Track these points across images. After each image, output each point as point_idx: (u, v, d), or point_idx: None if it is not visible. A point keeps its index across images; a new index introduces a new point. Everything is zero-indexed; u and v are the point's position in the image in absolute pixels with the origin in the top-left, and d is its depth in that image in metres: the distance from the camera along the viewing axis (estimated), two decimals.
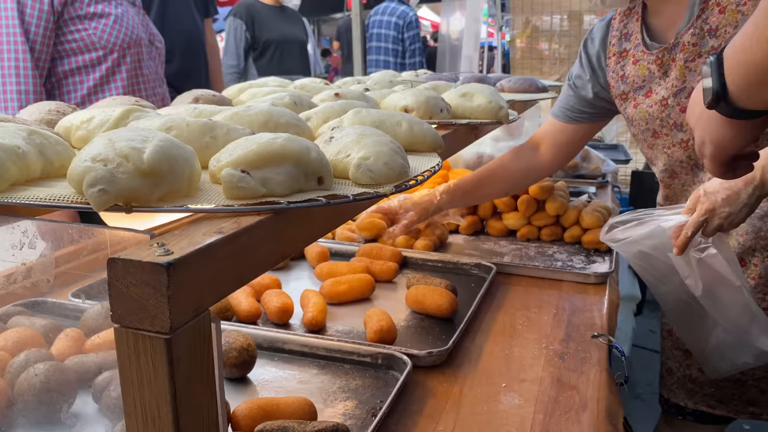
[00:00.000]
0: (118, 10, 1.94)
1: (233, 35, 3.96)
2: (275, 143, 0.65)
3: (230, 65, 3.97)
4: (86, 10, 1.88)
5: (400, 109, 1.31)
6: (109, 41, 1.93)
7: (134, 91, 2.04)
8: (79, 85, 1.95)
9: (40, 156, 0.66)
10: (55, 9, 1.84)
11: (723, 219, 1.26)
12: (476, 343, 1.33)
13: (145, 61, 2.06)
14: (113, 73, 1.96)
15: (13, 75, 1.81)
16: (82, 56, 1.92)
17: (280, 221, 0.63)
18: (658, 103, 1.50)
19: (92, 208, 0.56)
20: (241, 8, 3.98)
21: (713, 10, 1.36)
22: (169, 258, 0.48)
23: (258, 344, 1.26)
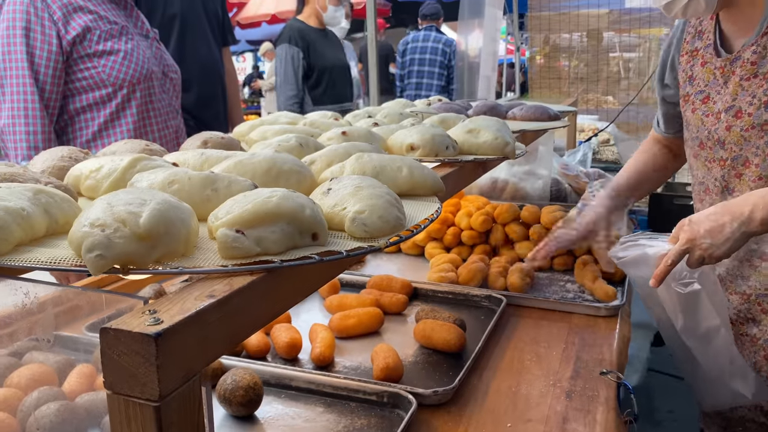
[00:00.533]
0: (127, 45, 1.95)
1: (291, 63, 3.76)
2: (270, 202, 0.67)
3: (290, 96, 3.79)
4: (95, 48, 1.90)
5: (406, 147, 1.33)
6: (118, 78, 1.93)
7: (144, 126, 2.04)
8: (90, 122, 1.96)
9: (45, 215, 0.68)
10: (64, 49, 1.87)
11: (703, 251, 1.23)
12: (483, 380, 1.33)
13: (156, 95, 2.07)
14: (123, 109, 1.97)
15: (21, 116, 1.83)
16: (92, 94, 1.94)
17: (273, 280, 0.64)
18: (713, 114, 1.46)
19: (90, 272, 0.58)
20: (294, 33, 3.81)
21: None
22: (158, 328, 0.50)
23: (265, 380, 1.28)
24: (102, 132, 1.96)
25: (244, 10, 10.38)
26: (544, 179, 2.84)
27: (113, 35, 1.93)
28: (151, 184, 0.80)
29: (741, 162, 1.44)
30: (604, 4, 6.48)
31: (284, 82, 3.79)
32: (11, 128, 1.84)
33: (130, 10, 2.07)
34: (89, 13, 1.90)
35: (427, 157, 1.31)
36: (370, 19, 3.45)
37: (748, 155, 1.42)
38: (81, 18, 1.88)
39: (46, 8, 1.84)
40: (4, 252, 0.62)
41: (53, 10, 1.84)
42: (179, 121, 2.21)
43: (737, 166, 1.45)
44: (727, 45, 1.47)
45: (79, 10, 1.88)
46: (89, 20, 1.89)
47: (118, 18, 1.98)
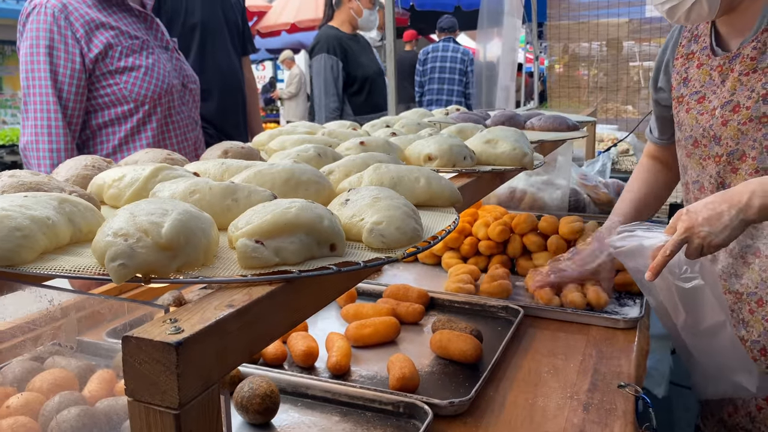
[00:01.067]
0: (148, 60, 1.96)
1: (330, 74, 3.67)
2: (289, 213, 0.68)
3: (334, 108, 3.69)
4: (117, 65, 1.91)
5: (423, 157, 1.33)
6: (139, 94, 1.94)
7: (164, 139, 2.05)
8: (111, 137, 1.97)
9: (70, 224, 0.70)
10: (87, 67, 1.88)
11: (702, 239, 1.23)
12: (500, 392, 1.32)
13: (176, 108, 2.08)
14: (144, 123, 1.99)
15: (45, 134, 1.85)
16: (114, 109, 1.95)
17: (291, 290, 0.65)
18: (708, 112, 1.49)
19: (112, 280, 0.60)
20: (332, 42, 3.70)
21: None
22: (179, 337, 0.51)
23: (282, 388, 1.28)
24: (122, 146, 1.97)
25: (264, 19, 10.48)
26: (562, 189, 2.83)
27: (134, 50, 1.94)
28: (172, 193, 0.81)
29: (737, 156, 1.46)
30: (624, 14, 6.45)
31: (326, 93, 3.69)
32: (34, 145, 1.85)
33: (150, 23, 2.08)
34: (111, 29, 1.91)
35: (444, 168, 1.32)
36: (389, 29, 3.46)
37: (745, 149, 1.44)
38: (103, 35, 1.89)
39: (69, 26, 1.85)
40: (29, 260, 0.63)
41: (76, 28, 1.86)
42: (198, 132, 2.23)
43: (733, 161, 1.47)
44: (724, 45, 1.51)
45: (101, 27, 1.89)
46: (111, 36, 1.90)
47: (138, 32, 1.99)
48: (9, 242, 0.62)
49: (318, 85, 3.75)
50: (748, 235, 1.47)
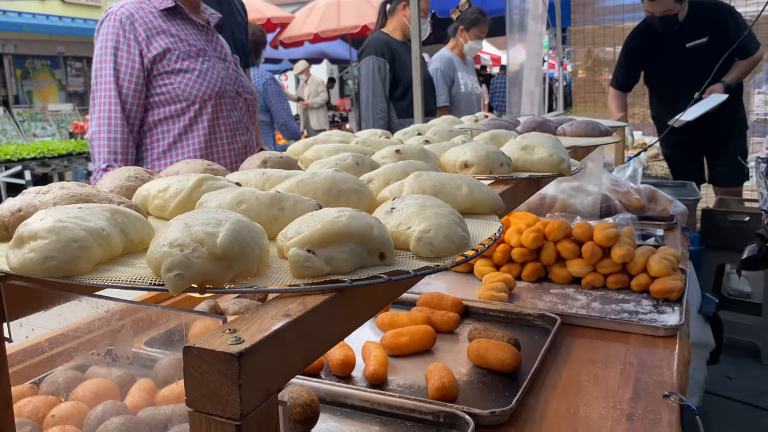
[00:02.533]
0: (203, 66, 2.16)
1: (378, 75, 3.73)
2: (339, 222, 0.68)
3: (381, 109, 3.74)
4: (173, 67, 2.11)
5: (459, 164, 1.33)
6: (191, 93, 2.13)
7: (215, 139, 2.23)
8: (166, 134, 2.17)
9: (122, 234, 0.71)
10: (146, 67, 2.09)
11: None
12: (540, 401, 1.30)
13: (227, 111, 2.25)
14: (195, 122, 2.17)
15: (105, 124, 2.07)
16: (168, 107, 2.15)
17: (344, 299, 0.65)
18: None
19: (169, 290, 0.60)
20: (380, 45, 3.78)
21: None
22: (240, 347, 0.51)
23: (321, 398, 1.28)
24: (176, 143, 2.16)
25: (287, 30, 10.57)
26: (593, 196, 2.80)
27: (191, 56, 2.14)
28: (219, 203, 0.81)
29: None
30: None
31: (374, 95, 3.74)
32: (98, 135, 2.08)
33: (211, 36, 2.28)
34: (171, 36, 2.13)
35: (481, 175, 1.31)
36: (414, 35, 3.47)
37: None
38: (162, 40, 2.10)
39: (133, 30, 2.08)
40: (85, 271, 0.64)
41: (139, 33, 2.08)
42: (249, 137, 2.37)
43: None
44: None
45: (161, 33, 2.11)
46: (169, 42, 2.11)
47: (197, 41, 2.19)
48: (66, 253, 0.62)
49: (366, 86, 3.80)
50: None
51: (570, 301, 1.87)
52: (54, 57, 14.74)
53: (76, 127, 10.29)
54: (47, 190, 0.86)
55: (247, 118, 2.35)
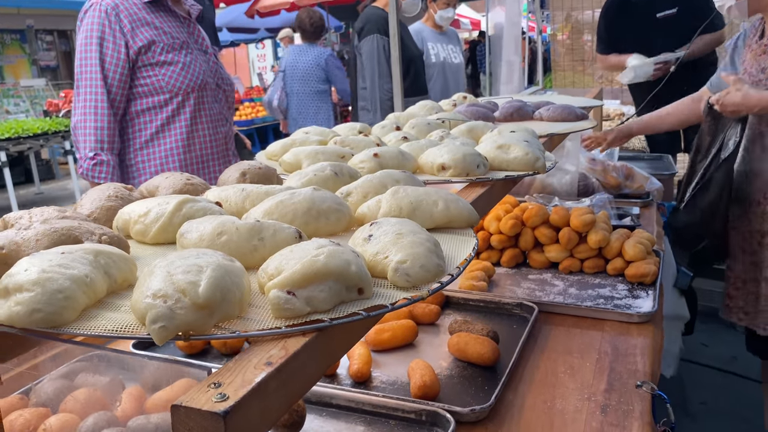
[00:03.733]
0: (186, 58, 2.19)
1: (384, 54, 3.70)
2: (318, 262, 0.70)
3: (388, 89, 3.72)
4: (157, 59, 2.14)
5: (437, 166, 1.35)
6: (174, 86, 2.17)
7: (196, 131, 2.27)
8: (149, 124, 2.20)
9: (106, 277, 0.72)
10: (131, 58, 2.12)
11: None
12: (518, 395, 1.35)
13: (208, 103, 2.28)
14: (178, 114, 2.21)
15: (91, 114, 2.10)
16: (151, 98, 2.18)
17: (324, 338, 0.67)
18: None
19: (154, 341, 0.62)
20: (381, 23, 3.71)
21: None
22: (225, 405, 0.53)
23: (306, 398, 1.32)
24: (158, 134, 2.20)
25: None
26: (571, 175, 2.84)
27: (174, 48, 2.17)
28: (200, 236, 0.83)
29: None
30: None
31: (380, 75, 3.72)
32: (83, 123, 2.10)
33: (192, 28, 2.30)
34: (155, 28, 2.15)
35: (458, 177, 1.33)
36: (392, 12, 3.43)
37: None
38: (147, 32, 2.14)
39: (118, 21, 2.11)
40: (71, 320, 0.66)
41: (124, 24, 2.11)
42: (228, 128, 2.41)
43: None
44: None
45: (146, 25, 2.14)
46: (154, 34, 2.14)
47: (180, 34, 2.22)
48: (52, 305, 0.64)
49: (371, 66, 3.77)
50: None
51: (548, 287, 1.92)
52: (23, 31, 14.35)
53: (50, 105, 10.09)
54: (28, 224, 0.87)
55: (227, 109, 2.38)
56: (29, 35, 14.47)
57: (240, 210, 1.03)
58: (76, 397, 1.22)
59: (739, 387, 3.23)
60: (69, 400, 1.21)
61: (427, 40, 4.64)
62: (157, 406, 1.19)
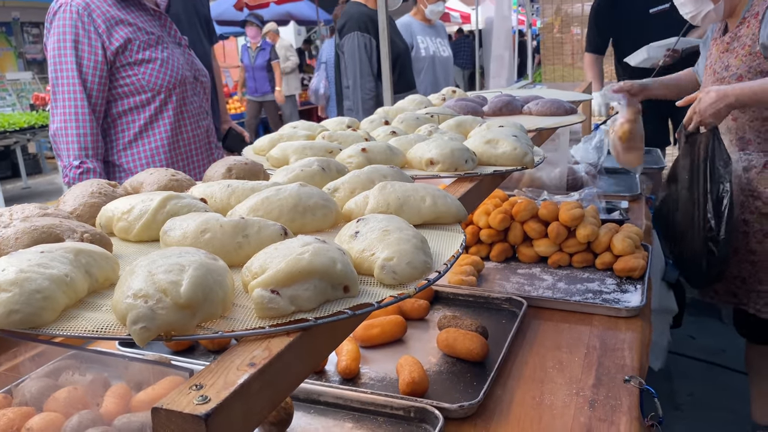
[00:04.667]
0: (164, 54, 2.12)
1: (365, 53, 3.62)
2: (302, 260, 0.69)
3: (370, 89, 3.65)
4: (135, 57, 2.07)
5: (425, 161, 1.34)
6: (156, 84, 2.11)
7: (180, 127, 2.22)
8: (132, 124, 2.14)
9: (87, 276, 0.71)
10: (108, 59, 2.04)
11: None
12: (507, 390, 1.35)
13: (189, 98, 2.23)
14: (161, 111, 2.16)
15: (72, 120, 2.02)
16: (132, 98, 2.12)
17: (308, 337, 0.67)
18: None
19: (135, 342, 0.61)
20: (363, 19, 3.66)
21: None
22: (207, 408, 0.53)
23: (294, 395, 1.31)
24: (142, 133, 2.14)
25: None
26: (560, 169, 2.84)
27: (151, 45, 2.10)
28: (184, 233, 0.82)
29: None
30: None
31: (361, 74, 3.62)
32: (64, 131, 2.02)
33: (164, 21, 2.23)
34: (129, 25, 2.08)
35: (446, 172, 1.33)
36: (381, 9, 3.41)
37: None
38: (122, 30, 2.06)
39: (92, 22, 2.01)
40: (50, 321, 0.65)
41: (98, 24, 2.02)
42: (209, 121, 2.36)
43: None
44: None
45: (120, 23, 2.06)
46: (129, 32, 2.07)
47: (154, 29, 2.15)
48: (30, 305, 0.63)
49: (353, 65, 3.68)
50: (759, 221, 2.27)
51: (536, 281, 1.92)
52: (8, 23, 14.17)
53: (37, 99, 9.98)
54: (8, 222, 0.85)
55: (206, 102, 2.34)
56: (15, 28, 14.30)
57: (225, 207, 1.02)
58: (60, 396, 1.21)
59: (726, 379, 3.26)
60: (53, 399, 1.20)
61: (417, 34, 4.61)
62: (142, 405, 1.17)
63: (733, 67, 2.33)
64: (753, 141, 2.24)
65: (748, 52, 2.28)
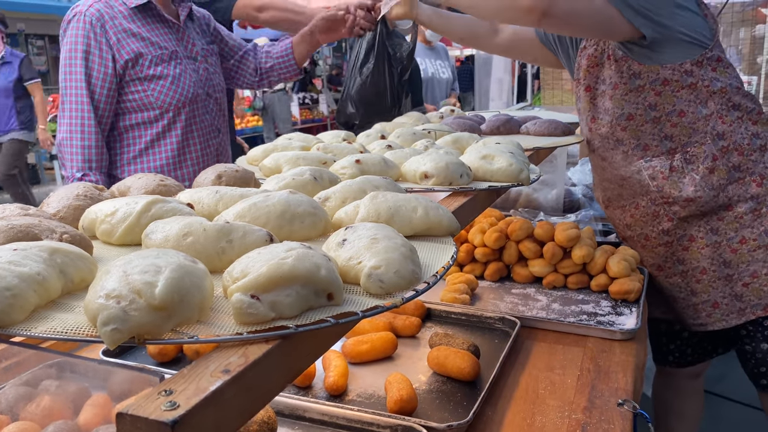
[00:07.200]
0: (175, 70, 2.08)
1: None
2: (285, 265, 0.67)
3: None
4: (146, 73, 2.03)
5: (420, 175, 1.32)
6: (164, 102, 2.06)
7: (188, 145, 2.16)
8: (138, 139, 2.10)
9: (61, 275, 0.68)
10: (117, 72, 2.01)
11: None
12: (498, 411, 1.32)
13: (200, 116, 2.17)
14: (168, 129, 2.11)
15: (78, 131, 1.99)
16: (140, 113, 2.07)
17: (288, 346, 0.64)
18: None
19: (105, 344, 0.58)
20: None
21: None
22: (175, 414, 0.50)
23: (279, 411, 1.28)
24: (148, 149, 2.10)
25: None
26: (557, 190, 2.82)
27: (163, 60, 2.06)
28: (166, 236, 0.79)
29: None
30: None
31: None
32: (69, 141, 1.99)
33: (182, 34, 2.17)
34: (141, 39, 2.03)
35: (441, 186, 1.31)
36: None
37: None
38: (134, 44, 2.02)
39: (104, 33, 1.99)
40: (19, 320, 0.62)
41: (110, 36, 1.99)
42: (221, 138, 2.30)
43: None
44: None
45: (132, 36, 2.02)
46: (141, 46, 2.02)
47: (168, 43, 2.10)
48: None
49: None
50: (681, 227, 2.00)
51: (531, 302, 1.89)
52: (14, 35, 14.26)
53: None
54: None
55: (219, 119, 2.27)
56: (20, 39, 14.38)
57: (212, 212, 1.00)
58: (37, 404, 1.17)
59: (724, 408, 3.21)
60: (29, 408, 1.16)
61: (417, 55, 4.66)
62: None
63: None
64: (650, 145, 1.95)
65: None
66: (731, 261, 1.95)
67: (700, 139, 1.90)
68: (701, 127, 1.89)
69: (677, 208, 1.98)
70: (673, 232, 2.02)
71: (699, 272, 2.01)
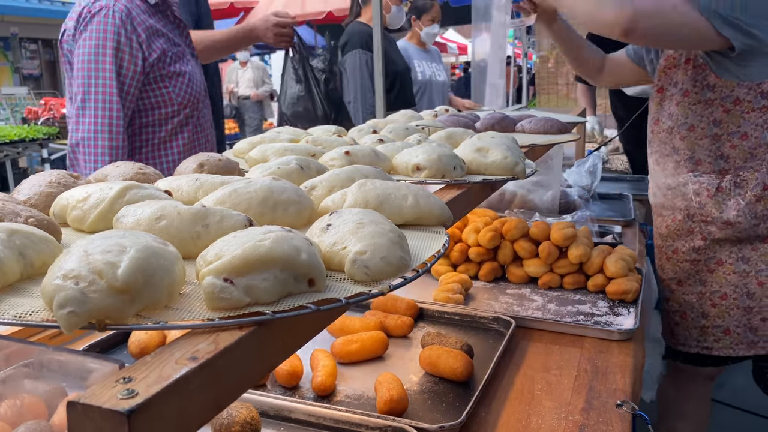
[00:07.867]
0: (188, 67, 2.06)
1: (367, 70, 3.71)
2: (261, 247, 0.62)
3: (371, 104, 3.70)
4: (168, 70, 1.99)
5: (411, 167, 1.27)
6: (184, 98, 2.04)
7: (197, 140, 2.15)
8: (151, 137, 2.05)
9: (20, 258, 0.63)
10: (145, 69, 1.96)
11: None
12: (492, 412, 1.27)
13: (201, 111, 2.17)
14: (183, 125, 2.08)
15: (105, 132, 1.89)
16: (159, 111, 2.03)
17: (264, 334, 0.59)
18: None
19: (61, 329, 0.53)
20: (365, 38, 3.74)
21: None
22: (132, 403, 0.45)
23: (264, 411, 1.22)
24: (160, 146, 2.05)
25: (250, 15, 10.35)
26: (553, 191, 2.78)
27: (179, 57, 2.04)
28: (137, 220, 0.74)
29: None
30: None
31: (362, 89, 3.68)
32: (92, 141, 1.88)
33: (183, 29, 2.15)
34: (163, 35, 2.01)
35: (433, 178, 1.26)
36: (376, 25, 3.38)
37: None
38: (159, 41, 1.99)
39: (134, 31, 1.92)
40: None
41: (139, 33, 1.93)
42: (215, 133, 2.31)
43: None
44: None
45: (156, 33, 1.99)
46: (164, 42, 2.00)
47: (179, 39, 2.08)
48: None
49: (354, 81, 3.74)
50: (712, 248, 2.00)
51: (526, 302, 1.85)
52: (6, 38, 14.19)
53: (29, 113, 9.89)
54: None
55: (209, 113, 2.27)
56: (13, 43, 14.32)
57: (192, 200, 0.94)
58: (9, 404, 1.12)
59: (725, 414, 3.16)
60: (2, 407, 1.11)
61: (413, 58, 4.62)
62: None
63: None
64: (703, 161, 1.93)
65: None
66: (755, 293, 1.95)
67: (756, 165, 1.87)
68: (760, 153, 1.86)
69: (714, 228, 1.97)
70: (703, 251, 2.02)
71: (719, 297, 2.01)
